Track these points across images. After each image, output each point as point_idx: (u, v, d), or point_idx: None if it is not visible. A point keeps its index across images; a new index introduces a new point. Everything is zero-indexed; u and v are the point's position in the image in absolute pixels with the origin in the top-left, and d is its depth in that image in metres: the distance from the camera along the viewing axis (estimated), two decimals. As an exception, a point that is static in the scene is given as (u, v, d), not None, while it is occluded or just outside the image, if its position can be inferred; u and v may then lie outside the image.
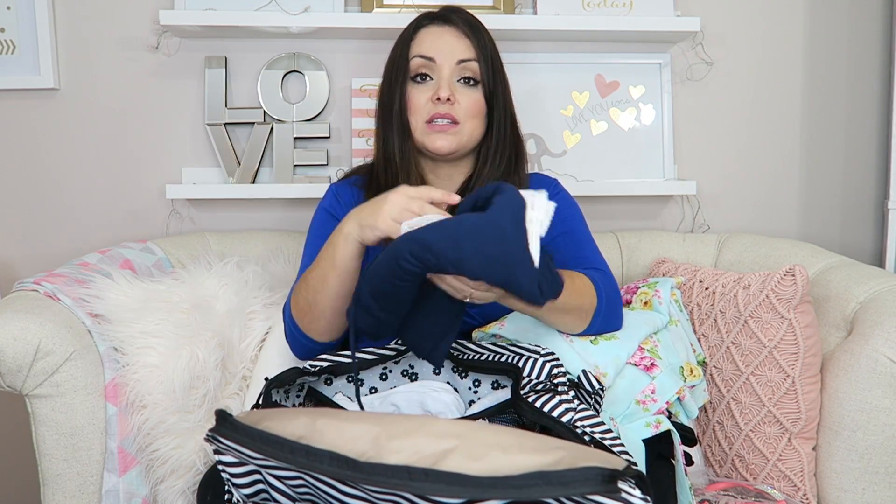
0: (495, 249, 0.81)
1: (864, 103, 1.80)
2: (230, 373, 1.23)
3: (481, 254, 0.81)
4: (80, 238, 1.69)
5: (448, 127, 1.20)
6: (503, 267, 0.82)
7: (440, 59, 1.20)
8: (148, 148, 1.69)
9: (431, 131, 1.20)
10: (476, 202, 0.91)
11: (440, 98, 1.18)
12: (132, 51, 1.66)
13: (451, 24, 1.22)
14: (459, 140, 1.21)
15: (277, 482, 0.79)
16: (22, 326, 1.06)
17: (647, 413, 1.14)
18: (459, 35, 1.21)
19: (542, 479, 0.62)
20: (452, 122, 1.20)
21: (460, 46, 1.21)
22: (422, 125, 1.21)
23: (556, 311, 1.07)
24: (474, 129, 1.23)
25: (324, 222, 1.25)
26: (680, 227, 1.80)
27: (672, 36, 1.68)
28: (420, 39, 1.23)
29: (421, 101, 1.21)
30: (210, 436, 0.77)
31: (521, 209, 0.85)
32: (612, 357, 1.15)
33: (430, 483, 0.63)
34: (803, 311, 1.21)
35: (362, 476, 0.66)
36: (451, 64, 1.20)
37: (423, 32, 1.23)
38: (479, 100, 1.21)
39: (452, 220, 0.86)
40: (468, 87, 1.21)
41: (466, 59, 1.20)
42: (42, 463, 1.11)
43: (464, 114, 1.20)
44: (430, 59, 1.20)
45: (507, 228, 0.82)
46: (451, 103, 1.19)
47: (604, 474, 0.63)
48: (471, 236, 0.82)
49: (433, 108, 1.20)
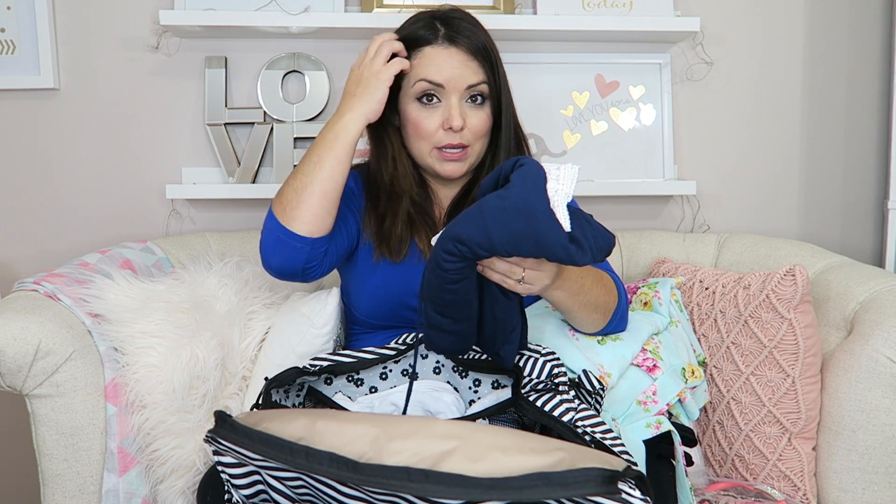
0: (520, 224, 0.82)
1: (864, 103, 1.80)
2: (230, 373, 1.23)
3: (508, 231, 0.82)
4: (80, 238, 1.69)
5: (460, 155, 1.18)
6: (532, 239, 0.82)
7: (450, 86, 1.16)
8: (148, 148, 1.69)
9: (443, 159, 1.18)
10: (497, 179, 0.90)
11: (453, 128, 1.15)
12: (132, 51, 1.66)
13: (457, 46, 1.16)
14: (469, 163, 1.21)
15: (277, 483, 0.79)
16: (22, 326, 1.06)
17: (647, 414, 1.14)
18: (467, 59, 1.16)
19: (542, 481, 0.62)
20: (462, 148, 1.18)
21: (469, 71, 1.16)
22: (432, 150, 1.19)
23: (588, 307, 1.08)
24: (482, 148, 1.22)
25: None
26: (680, 227, 1.80)
27: (672, 36, 1.68)
28: (425, 61, 1.16)
29: (431, 127, 1.17)
30: (209, 437, 0.77)
31: (541, 180, 0.84)
32: (617, 357, 1.15)
33: (429, 484, 0.63)
34: (803, 311, 1.21)
35: (362, 477, 0.66)
36: (460, 90, 1.16)
37: (429, 53, 1.16)
38: (485, 118, 1.19)
39: (474, 206, 0.86)
40: (476, 107, 1.18)
41: (475, 83, 1.16)
42: (42, 463, 1.11)
43: (473, 136, 1.18)
44: (438, 85, 1.16)
45: (528, 202, 0.82)
46: (463, 131, 1.17)
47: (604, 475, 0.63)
48: (495, 217, 0.82)
49: (444, 137, 1.17)
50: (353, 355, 1.10)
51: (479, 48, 1.16)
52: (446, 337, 0.96)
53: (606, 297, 1.11)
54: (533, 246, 0.83)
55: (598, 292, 1.08)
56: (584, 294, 1.06)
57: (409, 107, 1.18)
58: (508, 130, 1.22)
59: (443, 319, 0.93)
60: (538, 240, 0.82)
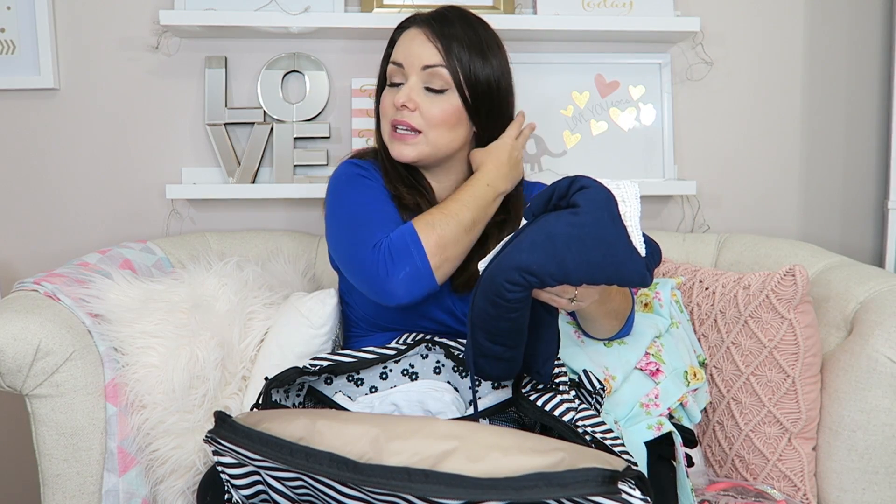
0: (599, 255, 0.79)
1: (864, 103, 1.80)
2: (230, 373, 1.23)
3: (586, 263, 0.79)
4: (80, 238, 1.69)
5: (408, 136, 1.15)
6: (611, 268, 0.80)
7: (407, 64, 1.15)
8: (148, 148, 1.69)
9: (394, 139, 1.17)
10: (550, 199, 0.86)
11: (396, 104, 1.14)
12: (132, 51, 1.66)
13: (423, 29, 1.16)
14: (423, 150, 1.16)
15: (277, 483, 0.79)
16: (22, 326, 1.06)
17: (649, 416, 1.14)
18: (430, 40, 1.14)
19: (542, 481, 0.63)
20: (411, 129, 1.15)
21: (427, 52, 1.14)
22: (388, 130, 1.18)
23: (610, 314, 1.09)
24: (439, 139, 1.16)
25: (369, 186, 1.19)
26: (680, 227, 1.80)
27: (672, 36, 1.68)
28: (398, 44, 1.19)
29: (387, 106, 1.18)
30: (209, 437, 0.77)
31: (612, 204, 0.82)
32: (622, 361, 1.15)
33: (429, 484, 0.63)
34: (803, 311, 1.21)
35: (362, 478, 0.66)
36: (416, 70, 1.14)
37: (403, 36, 1.18)
38: (448, 108, 1.15)
39: (538, 233, 0.82)
40: (434, 94, 1.15)
41: (432, 64, 1.14)
42: (42, 463, 1.11)
43: (425, 122, 1.14)
44: (398, 65, 1.16)
45: (606, 231, 0.80)
46: (410, 110, 1.14)
47: (604, 475, 0.63)
48: (570, 247, 0.79)
49: (395, 114, 1.16)
50: (353, 355, 1.10)
51: (446, 32, 1.14)
52: (498, 364, 0.93)
53: (625, 303, 1.12)
54: (611, 275, 0.81)
55: (620, 300, 1.10)
56: (610, 302, 1.07)
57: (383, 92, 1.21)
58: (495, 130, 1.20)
59: (496, 347, 0.91)
60: (618, 269, 0.80)
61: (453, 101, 1.15)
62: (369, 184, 1.19)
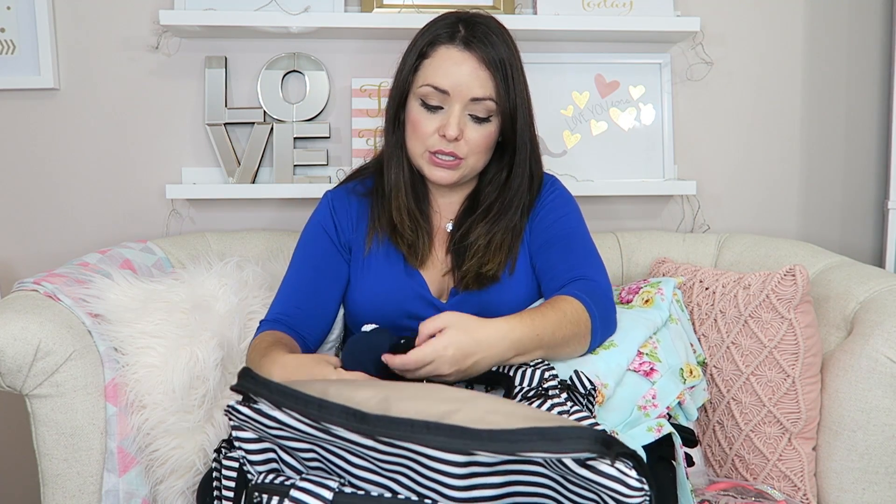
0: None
1: (864, 103, 1.80)
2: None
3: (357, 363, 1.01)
4: (80, 238, 1.70)
5: (451, 163, 1.15)
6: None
7: (454, 94, 1.12)
8: (148, 148, 1.69)
9: (433, 164, 1.16)
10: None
11: (447, 136, 1.13)
12: (132, 51, 1.66)
13: (471, 52, 1.11)
14: (462, 174, 1.18)
15: (290, 458, 0.80)
16: (22, 326, 1.06)
17: (648, 418, 1.13)
18: (478, 68, 1.11)
19: (536, 434, 0.65)
20: (455, 157, 1.15)
21: (477, 83, 1.11)
22: (424, 153, 1.16)
23: (555, 348, 1.05)
24: (477, 162, 1.18)
25: (314, 238, 1.23)
26: (680, 227, 1.80)
27: (672, 36, 1.68)
28: (437, 63, 1.13)
29: (427, 130, 1.14)
30: (229, 410, 0.79)
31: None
32: (612, 366, 1.13)
33: (432, 435, 0.67)
34: (803, 311, 1.21)
35: (369, 427, 0.69)
36: (464, 100, 1.12)
37: (442, 54, 1.13)
38: (489, 135, 1.15)
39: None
40: (477, 123, 1.14)
41: (481, 97, 1.12)
42: (42, 463, 1.11)
43: (468, 150, 1.15)
44: (443, 92, 1.12)
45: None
46: (457, 141, 1.14)
47: (597, 436, 0.65)
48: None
49: (438, 143, 1.14)
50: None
51: (494, 60, 1.12)
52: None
53: (574, 328, 1.06)
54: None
55: (562, 332, 1.04)
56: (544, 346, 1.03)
57: (412, 105, 1.16)
58: (524, 150, 1.19)
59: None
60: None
61: (494, 128, 1.16)
62: (316, 233, 1.23)
